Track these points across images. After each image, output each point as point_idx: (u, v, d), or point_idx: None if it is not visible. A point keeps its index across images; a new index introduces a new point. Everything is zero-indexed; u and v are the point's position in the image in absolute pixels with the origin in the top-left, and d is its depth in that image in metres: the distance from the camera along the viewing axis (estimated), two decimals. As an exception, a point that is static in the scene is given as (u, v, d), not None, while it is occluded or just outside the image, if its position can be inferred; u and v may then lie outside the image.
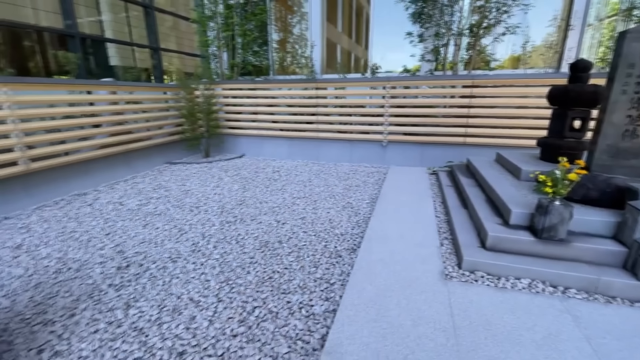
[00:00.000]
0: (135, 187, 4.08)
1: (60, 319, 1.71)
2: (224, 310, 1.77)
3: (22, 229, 2.86)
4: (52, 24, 7.67)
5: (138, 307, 1.79)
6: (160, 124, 5.51)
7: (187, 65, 9.78)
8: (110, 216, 3.10)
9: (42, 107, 3.77)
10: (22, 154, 3.38)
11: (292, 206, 3.35)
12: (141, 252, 2.41)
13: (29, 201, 3.45)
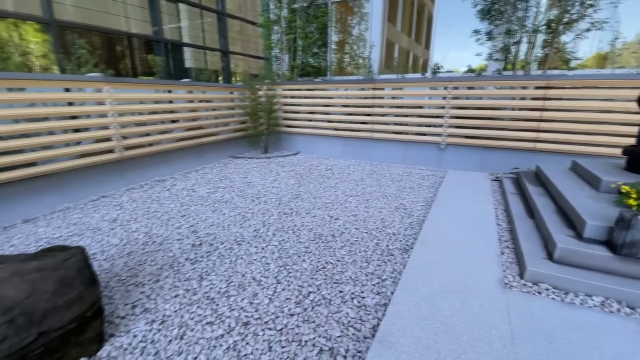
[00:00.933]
0: (205, 176, 4.54)
1: (148, 282, 2.03)
2: (282, 291, 1.93)
3: (116, 206, 3.39)
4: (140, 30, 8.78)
5: (209, 279, 2.05)
6: (226, 121, 6.01)
7: (251, 67, 10.45)
8: (184, 201, 3.52)
9: (134, 103, 4.39)
10: (118, 143, 3.99)
11: (344, 203, 3.44)
12: (211, 233, 2.71)
13: (121, 183, 4.05)
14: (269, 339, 1.56)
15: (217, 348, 1.50)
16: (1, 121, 3.11)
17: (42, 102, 3.52)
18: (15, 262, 1.50)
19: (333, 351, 1.49)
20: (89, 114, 3.90)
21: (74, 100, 3.72)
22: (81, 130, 3.77)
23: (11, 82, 3.19)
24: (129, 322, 1.67)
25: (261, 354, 1.47)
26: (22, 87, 3.44)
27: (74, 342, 1.41)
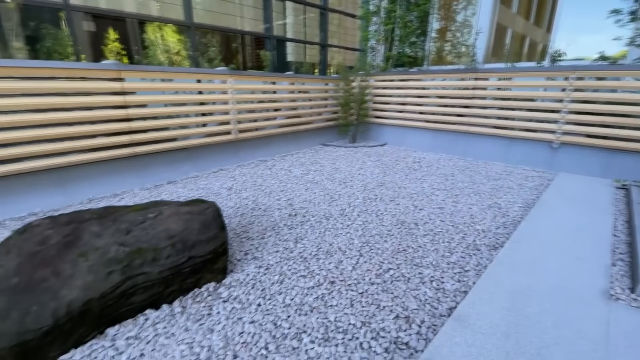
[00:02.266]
0: (299, 160, 5.04)
1: (256, 238, 2.49)
2: (364, 263, 2.14)
3: (231, 178, 4.10)
4: (252, 28, 9.89)
5: (303, 243, 2.39)
6: (320, 110, 6.44)
7: (346, 59, 10.77)
8: (282, 179, 4.02)
9: (246, 93, 5.12)
10: (234, 127, 4.75)
11: (430, 196, 3.43)
12: (304, 207, 3.09)
13: (234, 160, 4.83)
14: (351, 297, 1.79)
15: (309, 295, 1.81)
16: (158, 105, 4.07)
17: (183, 90, 4.44)
18: (174, 206, 2.06)
19: (409, 319, 1.63)
20: (214, 101, 4.74)
21: (204, 90, 4.58)
22: (206, 114, 4.63)
23: (165, 74, 4.13)
24: (243, 264, 2.13)
25: (344, 307, 1.71)
26: (171, 78, 4.40)
27: (209, 269, 1.89)
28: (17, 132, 2.94)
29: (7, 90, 2.86)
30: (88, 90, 3.36)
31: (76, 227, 1.71)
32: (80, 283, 1.47)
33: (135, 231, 1.77)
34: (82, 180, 3.42)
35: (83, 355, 1.40)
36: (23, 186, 3.07)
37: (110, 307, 1.52)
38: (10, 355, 1.26)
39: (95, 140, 3.44)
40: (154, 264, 1.66)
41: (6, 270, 1.47)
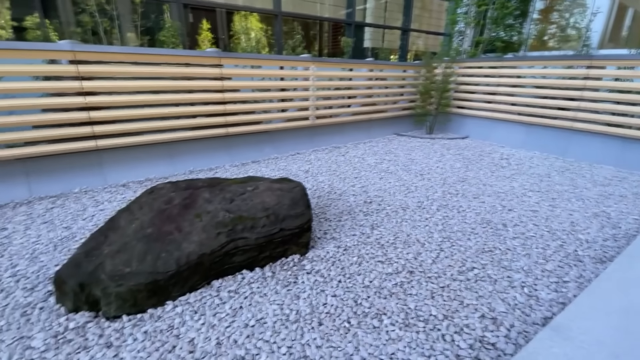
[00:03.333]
0: (372, 148, 5.01)
1: (333, 220, 2.59)
2: (445, 258, 2.08)
3: (307, 161, 4.29)
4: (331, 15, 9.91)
5: (379, 230, 2.42)
6: (396, 99, 6.25)
7: (428, 44, 10.15)
8: (356, 166, 4.06)
9: (324, 80, 5.21)
10: (312, 113, 4.91)
11: (521, 197, 3.12)
12: (379, 196, 3.09)
13: (310, 145, 5.02)
14: (432, 289, 1.77)
15: (387, 281, 1.84)
16: (246, 90, 4.42)
17: (269, 76, 4.73)
18: (267, 182, 2.26)
19: (496, 321, 1.56)
20: (295, 87, 4.96)
21: (288, 76, 4.81)
22: (286, 100, 4.87)
23: (257, 61, 4.44)
24: (322, 242, 2.25)
25: (424, 298, 1.71)
26: (260, 64, 4.72)
27: (295, 242, 2.04)
28: (137, 110, 3.50)
29: (130, 73, 3.41)
30: (193, 75, 3.81)
31: (192, 193, 2.00)
32: (196, 239, 1.74)
33: (237, 201, 2.00)
34: (185, 154, 3.94)
35: (195, 299, 1.66)
36: (141, 156, 3.67)
37: (217, 263, 1.77)
38: (145, 289, 1.56)
39: (196, 120, 3.91)
40: (252, 231, 1.87)
41: (142, 222, 1.81)
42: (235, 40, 7.47)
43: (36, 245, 2.17)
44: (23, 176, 3.06)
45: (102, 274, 1.52)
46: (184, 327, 1.49)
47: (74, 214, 2.65)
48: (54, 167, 3.19)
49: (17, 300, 1.66)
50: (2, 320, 1.53)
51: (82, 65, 3.06)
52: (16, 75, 3.01)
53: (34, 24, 5.25)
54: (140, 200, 2.03)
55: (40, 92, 3.19)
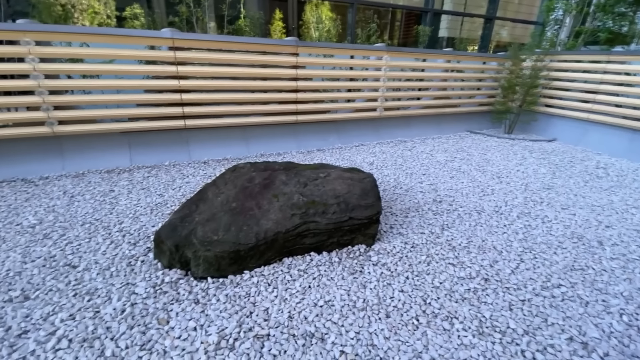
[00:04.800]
0: (441, 145, 4.74)
1: (399, 215, 2.53)
2: (526, 270, 1.90)
3: (371, 154, 4.23)
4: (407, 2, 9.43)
5: (450, 232, 2.30)
6: (472, 93, 5.79)
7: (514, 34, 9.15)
8: (424, 162, 3.89)
9: (396, 70, 5.03)
10: (380, 104, 4.81)
11: (622, 213, 2.69)
12: (450, 195, 2.93)
13: (374, 137, 4.94)
14: (510, 300, 1.64)
15: (458, 284, 1.75)
16: (317, 79, 4.48)
17: (340, 66, 4.73)
18: (339, 170, 2.29)
19: (587, 346, 1.39)
20: (366, 77, 4.88)
21: (360, 66, 4.75)
22: (353, 90, 4.82)
23: (331, 50, 4.46)
24: (388, 236, 2.22)
25: (501, 308, 1.59)
26: (332, 54, 4.73)
27: (362, 232, 2.05)
28: (218, 94, 3.78)
29: (216, 60, 3.68)
30: (270, 63, 3.98)
31: (271, 174, 2.12)
32: (273, 217, 1.85)
33: (310, 186, 2.07)
34: (257, 137, 4.18)
35: (269, 272, 1.78)
36: (220, 137, 3.98)
37: (289, 242, 1.87)
38: (228, 257, 1.72)
39: (269, 107, 4.10)
40: (323, 216, 1.92)
41: (227, 196, 1.98)
42: (305, 30, 7.59)
43: (137, 207, 2.52)
44: (126, 147, 3.56)
45: (194, 239, 1.71)
46: (259, 296, 1.61)
47: (165, 184, 3.00)
48: (150, 141, 3.64)
49: (123, 252, 1.95)
50: (112, 266, 1.82)
51: (179, 51, 3.40)
52: (124, 58, 3.46)
53: (132, 14, 5.98)
54: (224, 176, 2.22)
55: (142, 75, 3.65)
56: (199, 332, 1.38)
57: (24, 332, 1.38)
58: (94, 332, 1.37)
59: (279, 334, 1.39)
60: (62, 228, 2.19)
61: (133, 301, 1.55)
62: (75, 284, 1.66)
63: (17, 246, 1.98)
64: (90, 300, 1.55)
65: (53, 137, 3.22)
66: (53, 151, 3.26)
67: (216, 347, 1.31)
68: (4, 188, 2.82)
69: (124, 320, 1.44)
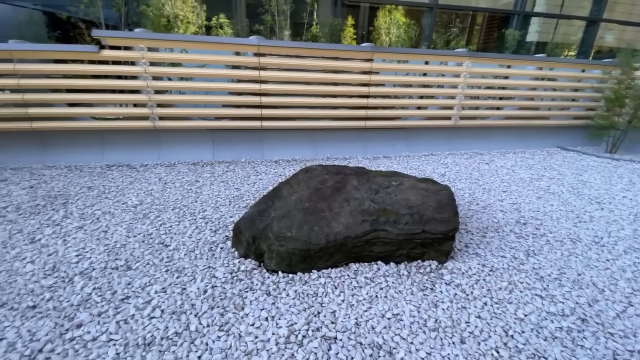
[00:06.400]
0: (525, 161, 4.27)
1: (476, 233, 2.34)
2: (636, 317, 1.59)
3: (443, 164, 4.00)
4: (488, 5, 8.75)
5: (537, 259, 2.05)
6: (566, 104, 5.11)
7: (624, 39, 7.86)
8: (504, 178, 3.54)
9: (476, 77, 4.67)
10: (457, 113, 4.52)
11: None
12: (537, 218, 2.61)
13: (446, 147, 4.67)
14: (615, 350, 1.39)
15: (548, 320, 1.54)
16: (388, 84, 4.40)
17: (414, 72, 4.57)
18: (412, 180, 2.21)
19: None
20: (443, 84, 4.65)
21: (436, 72, 4.54)
22: (424, 97, 4.60)
23: (406, 56, 4.35)
24: (463, 255, 2.06)
25: (603, 357, 1.36)
26: (406, 59, 4.61)
27: (435, 248, 1.94)
28: (291, 98, 3.95)
29: (293, 65, 3.85)
30: (343, 69, 4.03)
31: (343, 178, 2.14)
32: (344, 221, 1.86)
33: (381, 193, 2.04)
34: (325, 141, 4.27)
35: (336, 275, 1.79)
36: (290, 138, 4.16)
37: (358, 248, 1.85)
38: (299, 254, 1.77)
39: (338, 111, 4.15)
40: (394, 225, 1.87)
41: (301, 196, 2.05)
42: (375, 35, 7.53)
43: (217, 198, 2.76)
44: (210, 143, 3.93)
45: (270, 233, 1.81)
46: (326, 297, 1.62)
47: (241, 179, 3.24)
48: (230, 139, 3.97)
49: (206, 237, 2.15)
50: (197, 249, 2.01)
51: (262, 57, 3.65)
52: (215, 63, 3.82)
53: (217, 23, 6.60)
54: (297, 176, 2.31)
55: (228, 78, 3.99)
56: (271, 323, 1.45)
57: (126, 297, 1.60)
58: (181, 307, 1.53)
59: (346, 340, 1.38)
60: (158, 210, 2.50)
61: (213, 284, 1.69)
62: (167, 261, 1.88)
63: (123, 222, 2.31)
64: (179, 277, 1.74)
65: (153, 130, 3.71)
66: (152, 143, 3.76)
67: (286, 340, 1.36)
68: (113, 171, 3.33)
69: (206, 300, 1.57)
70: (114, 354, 1.28)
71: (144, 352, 1.29)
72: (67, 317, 1.45)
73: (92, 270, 1.78)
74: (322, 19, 6.91)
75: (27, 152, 3.51)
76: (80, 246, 2.00)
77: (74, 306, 1.52)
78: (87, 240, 2.06)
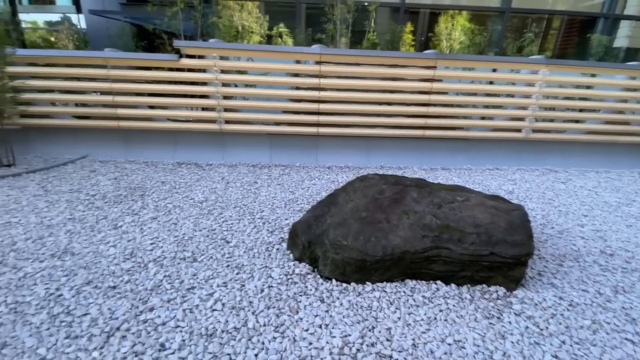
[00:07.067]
0: (610, 182, 3.74)
1: (551, 261, 2.09)
2: None
3: (510, 180, 3.67)
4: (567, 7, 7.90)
5: (628, 298, 1.76)
6: (669, 120, 4.37)
7: None
8: (585, 201, 3.14)
9: (553, 86, 4.21)
10: (529, 124, 4.12)
11: None
12: (627, 250, 2.26)
13: (514, 162, 4.28)
14: None
15: (647, 374, 1.31)
16: (452, 93, 4.18)
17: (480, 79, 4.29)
18: (479, 196, 2.05)
19: None
20: (512, 93, 4.29)
21: (505, 80, 4.21)
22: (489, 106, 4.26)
23: (472, 63, 4.11)
24: (536, 284, 1.85)
25: None
26: (472, 66, 4.34)
27: (504, 273, 1.77)
28: (346, 106, 3.93)
29: (351, 72, 3.85)
30: (403, 76, 3.93)
31: (402, 189, 2.07)
32: (402, 235, 1.79)
33: (445, 208, 1.92)
34: (379, 149, 4.20)
35: (391, 290, 1.72)
36: (344, 145, 4.16)
37: (416, 264, 1.77)
38: (354, 264, 1.74)
39: (395, 119, 4.04)
40: (458, 244, 1.75)
41: (357, 204, 2.03)
42: (436, 42, 7.22)
43: (274, 200, 2.86)
44: (267, 147, 4.10)
45: (326, 239, 1.81)
46: (381, 312, 1.57)
47: (296, 183, 3.32)
48: (287, 144, 4.10)
49: (263, 237, 2.23)
50: (255, 248, 2.09)
51: (323, 65, 3.72)
52: (278, 71, 3.98)
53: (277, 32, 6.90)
54: (354, 184, 2.29)
55: (289, 85, 4.14)
56: (324, 331, 1.44)
57: (192, 287, 1.71)
58: (240, 303, 1.60)
59: (403, 360, 1.31)
60: (220, 207, 2.67)
61: (270, 284, 1.74)
62: (228, 257, 1.98)
63: (190, 216, 2.50)
64: (238, 274, 1.82)
65: (219, 133, 3.98)
66: (217, 144, 4.03)
67: (340, 351, 1.34)
68: (182, 169, 3.64)
69: (263, 299, 1.62)
70: (180, 340, 1.37)
71: (207, 342, 1.36)
72: (141, 300, 1.60)
73: (164, 258, 1.95)
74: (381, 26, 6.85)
75: (113, 147, 4.00)
76: (154, 235, 2.20)
77: (147, 290, 1.67)
78: (160, 231, 2.26)
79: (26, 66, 3.67)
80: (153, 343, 1.35)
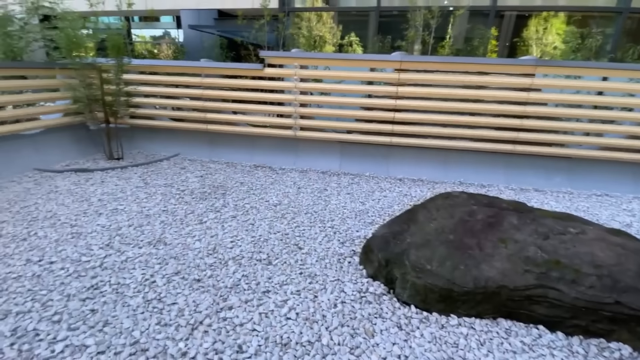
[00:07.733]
0: None
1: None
2: None
3: (626, 211, 3.04)
4: None
5: None
6: None
7: None
8: None
9: None
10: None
11: None
12: None
13: (630, 188, 3.54)
14: None
15: None
16: (551, 104, 3.65)
17: (585, 89, 3.67)
18: (599, 230, 1.70)
19: None
20: (629, 106, 3.59)
21: (619, 91, 3.53)
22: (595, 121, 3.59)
23: (580, 70, 3.54)
24: (680, 350, 1.45)
25: None
26: (580, 74, 3.74)
27: (630, 328, 1.42)
28: (423, 115, 3.69)
29: (430, 81, 3.60)
30: (489, 84, 3.56)
31: (497, 212, 1.83)
32: (498, 266, 1.56)
33: (553, 240, 1.63)
34: (458, 163, 3.86)
35: (481, 329, 1.51)
36: (419, 157, 3.92)
37: (514, 302, 1.52)
38: (438, 292, 1.57)
39: (479, 131, 3.67)
40: (572, 286, 1.45)
41: (443, 225, 1.85)
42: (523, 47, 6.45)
43: (344, 210, 2.80)
44: (338, 155, 4.08)
45: (406, 260, 1.68)
46: (470, 353, 1.38)
47: (366, 193, 3.22)
48: (357, 152, 4.03)
49: (334, 248, 2.18)
50: (327, 258, 2.05)
51: (402, 72, 3.58)
52: (353, 79, 3.94)
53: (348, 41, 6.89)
54: (436, 202, 2.10)
55: (363, 93, 4.07)
56: (404, 364, 1.31)
57: (267, 291, 1.73)
58: (313, 315, 1.55)
59: (502, 418, 1.11)
60: (293, 212, 2.70)
61: (343, 299, 1.67)
62: (300, 264, 1.97)
63: (266, 218, 2.58)
64: (311, 283, 1.79)
65: (293, 139, 4.10)
66: (291, 150, 4.15)
67: (423, 391, 1.19)
68: (258, 171, 3.82)
69: (336, 315, 1.56)
70: (257, 344, 1.37)
71: (282, 352, 1.34)
72: (222, 297, 1.66)
73: (242, 258, 2.02)
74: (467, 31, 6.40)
75: (200, 147, 4.40)
76: (234, 234, 2.31)
77: (227, 288, 1.73)
78: (239, 230, 2.37)
79: (137, 74, 4.26)
80: (232, 343, 1.37)
